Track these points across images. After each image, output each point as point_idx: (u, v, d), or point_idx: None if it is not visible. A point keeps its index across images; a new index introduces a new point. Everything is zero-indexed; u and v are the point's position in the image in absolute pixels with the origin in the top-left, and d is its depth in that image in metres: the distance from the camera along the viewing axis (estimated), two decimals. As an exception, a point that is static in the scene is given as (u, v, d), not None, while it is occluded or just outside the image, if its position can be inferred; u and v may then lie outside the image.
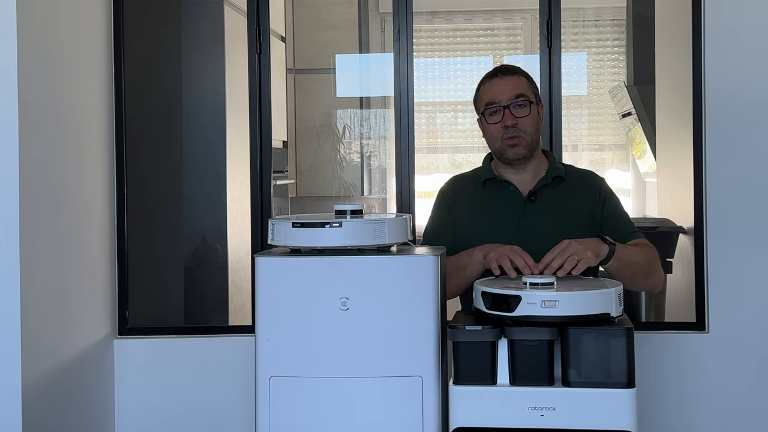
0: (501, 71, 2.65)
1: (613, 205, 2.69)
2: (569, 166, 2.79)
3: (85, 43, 3.26)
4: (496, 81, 2.63)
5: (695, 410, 3.33)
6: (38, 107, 2.85)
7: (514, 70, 2.65)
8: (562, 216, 2.62)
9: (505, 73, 2.64)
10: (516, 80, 2.62)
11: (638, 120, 5.03)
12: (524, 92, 2.60)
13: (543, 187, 2.65)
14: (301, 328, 2.15)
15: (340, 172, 5.84)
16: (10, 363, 2.69)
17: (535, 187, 2.65)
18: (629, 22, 5.44)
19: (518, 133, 2.59)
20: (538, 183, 2.65)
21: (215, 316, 4.20)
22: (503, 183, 2.67)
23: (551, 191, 2.65)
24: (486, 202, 2.67)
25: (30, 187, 2.77)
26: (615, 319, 2.11)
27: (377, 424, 2.13)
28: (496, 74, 2.65)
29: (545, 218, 2.61)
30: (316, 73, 5.92)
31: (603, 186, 2.72)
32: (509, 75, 2.63)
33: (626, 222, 2.68)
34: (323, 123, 5.86)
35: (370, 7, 5.98)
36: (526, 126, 2.59)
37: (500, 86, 2.61)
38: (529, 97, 2.61)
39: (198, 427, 3.43)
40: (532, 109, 2.60)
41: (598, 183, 2.73)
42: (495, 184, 2.68)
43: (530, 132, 2.60)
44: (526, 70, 2.69)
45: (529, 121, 2.59)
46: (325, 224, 2.15)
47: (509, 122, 2.59)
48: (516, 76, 2.63)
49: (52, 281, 2.96)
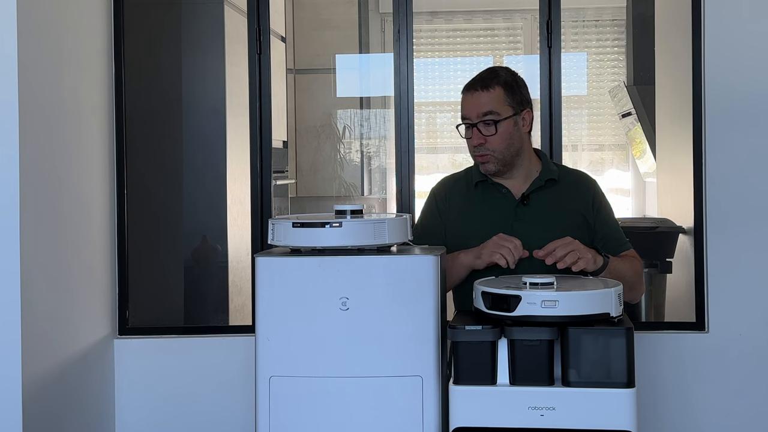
0: (475, 84, 2.60)
1: (606, 214, 2.69)
2: (562, 167, 2.78)
3: (85, 43, 3.26)
4: (468, 96, 2.60)
5: (695, 410, 3.33)
6: (38, 107, 2.85)
7: (487, 84, 2.58)
8: (556, 219, 2.61)
9: (477, 87, 2.59)
10: (486, 96, 2.57)
11: (638, 120, 5.03)
12: (494, 108, 2.56)
13: (536, 190, 2.64)
14: (301, 328, 2.15)
15: (340, 172, 5.84)
16: (10, 363, 2.69)
17: (528, 190, 2.64)
18: (629, 22, 5.44)
19: (486, 152, 2.58)
20: (531, 186, 2.64)
21: (215, 316, 4.20)
22: (495, 186, 2.65)
23: (544, 194, 2.64)
24: (478, 204, 2.66)
25: (30, 187, 2.77)
26: (615, 319, 2.11)
27: (377, 424, 2.13)
28: (470, 88, 2.61)
29: (538, 222, 2.60)
30: (316, 73, 5.92)
31: (597, 191, 2.72)
32: (481, 90, 2.58)
33: (618, 232, 2.69)
34: (323, 123, 5.86)
35: (370, 7, 5.98)
36: (495, 144, 2.57)
37: (470, 102, 2.59)
38: (501, 113, 2.56)
39: (198, 426, 3.43)
40: (501, 127, 2.55)
41: (592, 187, 2.72)
42: (487, 186, 2.66)
43: (500, 149, 2.58)
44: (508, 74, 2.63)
45: (497, 139, 2.56)
46: (325, 224, 2.15)
47: (475, 142, 2.58)
48: (487, 91, 2.57)
49: (52, 281, 2.96)
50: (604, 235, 2.64)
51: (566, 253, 2.37)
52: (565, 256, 2.36)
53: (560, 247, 2.38)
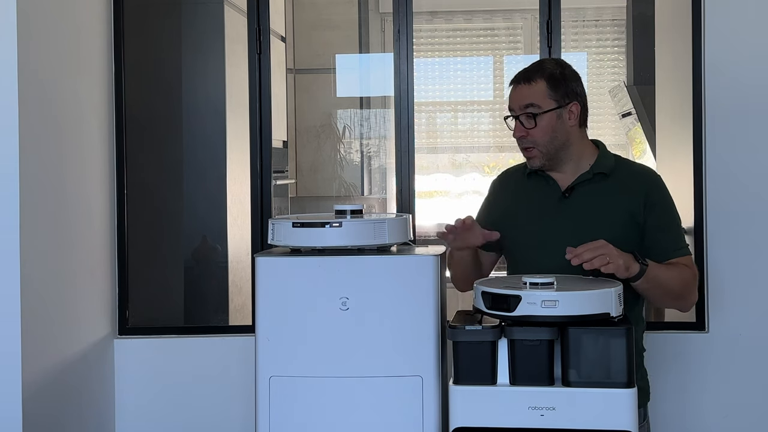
0: (519, 77, 2.58)
1: (661, 215, 2.53)
2: (623, 161, 2.66)
3: (85, 43, 3.26)
4: (512, 89, 2.59)
5: (695, 410, 3.33)
6: (38, 108, 2.85)
7: (530, 77, 2.55)
8: (598, 215, 2.51)
9: (521, 80, 2.57)
10: (528, 89, 2.54)
11: (638, 120, 5.03)
12: (535, 101, 2.52)
13: (582, 183, 2.55)
14: (301, 328, 2.15)
15: (340, 172, 5.84)
16: (10, 363, 2.69)
17: (573, 183, 2.56)
18: (629, 22, 5.44)
19: (529, 145, 2.54)
20: (577, 179, 2.55)
21: (215, 316, 4.19)
22: (544, 177, 2.60)
23: (591, 188, 2.55)
24: (526, 195, 2.63)
25: (30, 188, 2.77)
26: (615, 319, 2.11)
27: (377, 424, 2.13)
28: (515, 80, 2.59)
29: (578, 216, 2.52)
30: (316, 73, 5.92)
31: (654, 189, 2.57)
32: (523, 83, 2.55)
33: (673, 237, 2.53)
34: (323, 123, 5.86)
35: (370, 7, 5.98)
36: (536, 137, 2.52)
37: (513, 95, 2.58)
38: (542, 106, 2.51)
39: (198, 426, 3.43)
40: (542, 120, 2.51)
41: (649, 184, 2.58)
42: (537, 177, 2.61)
43: (542, 142, 2.52)
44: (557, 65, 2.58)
45: (538, 132, 2.52)
46: (325, 224, 2.15)
47: (517, 134, 2.56)
48: (529, 84, 2.54)
49: (53, 281, 2.96)
50: (654, 237, 2.50)
51: (594, 257, 2.24)
52: (592, 259, 2.24)
53: (589, 251, 2.26)
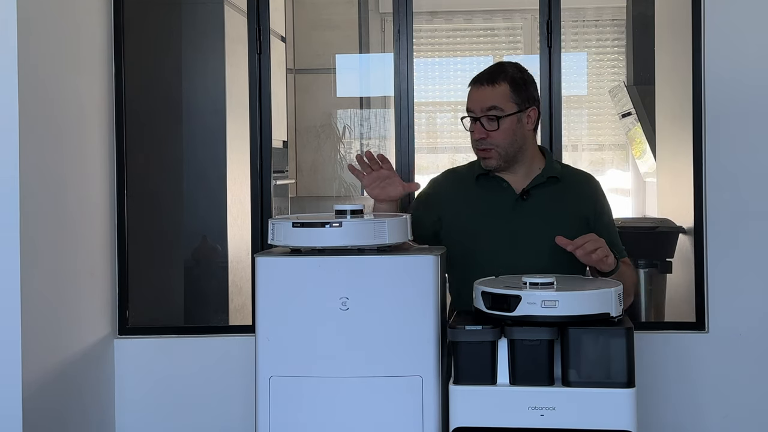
0: (481, 79, 2.61)
1: (607, 219, 2.70)
2: (566, 167, 2.78)
3: (85, 43, 3.26)
4: (474, 90, 2.62)
5: (695, 410, 3.33)
6: (38, 107, 2.85)
7: (494, 79, 2.59)
8: (555, 217, 2.61)
9: (483, 81, 2.60)
10: (492, 91, 2.58)
11: (638, 120, 5.03)
12: (498, 104, 2.56)
13: (537, 186, 2.64)
14: (301, 328, 2.15)
15: (340, 172, 5.84)
16: (10, 362, 2.69)
17: (529, 185, 2.64)
18: (629, 22, 5.44)
19: (489, 146, 2.59)
20: (532, 182, 2.64)
21: (215, 316, 4.20)
22: (496, 180, 2.66)
23: (545, 191, 2.64)
24: (478, 198, 2.66)
25: (30, 187, 2.77)
26: (615, 319, 2.11)
27: (377, 424, 2.13)
28: (477, 81, 2.62)
29: (537, 218, 2.61)
30: (316, 73, 5.91)
31: (601, 194, 2.73)
32: (487, 85, 2.59)
33: (617, 240, 2.70)
34: (323, 123, 5.85)
35: (370, 7, 5.98)
36: (497, 139, 2.58)
37: (475, 96, 2.60)
38: (504, 108, 2.56)
39: (198, 427, 3.43)
40: (504, 123, 2.56)
41: (596, 189, 2.73)
42: (488, 180, 2.67)
43: (503, 144, 2.58)
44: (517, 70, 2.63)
45: (500, 134, 2.57)
46: (325, 224, 2.15)
47: (477, 135, 2.59)
48: (493, 86, 2.58)
49: (53, 281, 2.96)
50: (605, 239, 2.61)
51: (596, 248, 2.38)
52: (595, 249, 2.37)
53: (591, 242, 2.39)
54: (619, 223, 4.21)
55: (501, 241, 2.58)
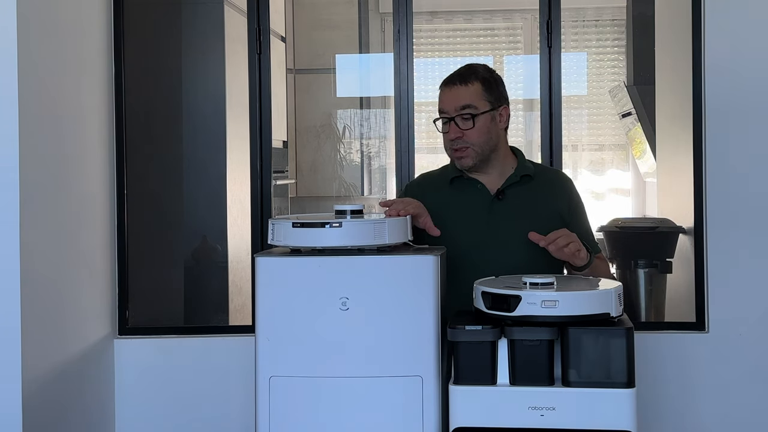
0: (453, 79, 2.62)
1: (580, 216, 2.71)
2: (539, 165, 2.79)
3: (85, 43, 3.27)
4: (446, 90, 2.61)
5: (695, 410, 3.33)
6: (38, 107, 2.85)
7: (465, 78, 2.60)
8: (531, 215, 2.61)
9: (455, 81, 2.60)
10: (464, 90, 2.58)
11: (638, 120, 5.03)
12: (472, 102, 2.57)
13: (511, 185, 2.65)
14: (301, 328, 2.15)
15: (340, 172, 5.84)
16: (10, 363, 2.69)
17: (503, 185, 2.65)
18: (629, 22, 5.44)
19: (464, 145, 2.59)
20: (506, 181, 2.65)
21: (215, 316, 4.20)
22: (470, 181, 2.66)
23: (519, 190, 2.65)
24: (453, 200, 2.66)
25: (30, 187, 2.77)
26: (615, 319, 2.11)
27: (377, 424, 2.13)
28: (449, 82, 2.62)
29: (513, 217, 2.62)
30: (316, 73, 5.92)
31: (574, 191, 2.74)
32: (459, 84, 2.59)
33: (591, 234, 2.72)
34: (323, 123, 5.86)
35: (370, 7, 5.98)
36: (473, 138, 2.58)
37: (448, 96, 2.60)
38: (478, 107, 2.57)
39: (198, 427, 3.43)
40: (479, 121, 2.57)
41: (569, 187, 2.74)
42: (462, 182, 2.67)
43: (477, 143, 2.58)
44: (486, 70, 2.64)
45: (474, 133, 2.57)
46: (325, 224, 2.15)
47: (452, 135, 2.59)
48: (466, 85, 2.58)
49: (52, 281, 2.96)
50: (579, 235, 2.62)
51: (569, 242, 2.40)
52: (568, 244, 2.39)
53: (563, 237, 2.41)
54: (619, 223, 4.24)
55: (479, 241, 2.60)
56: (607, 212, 5.39)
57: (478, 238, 2.60)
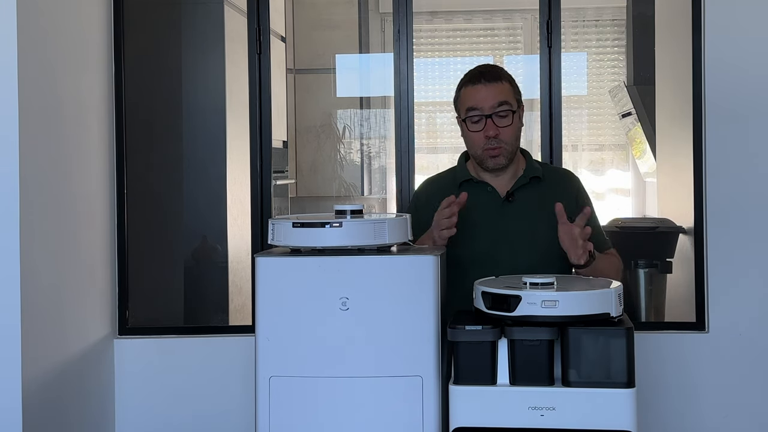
0: (485, 76, 2.58)
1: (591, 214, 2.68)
2: (546, 165, 2.80)
3: (85, 43, 3.26)
4: (480, 87, 2.57)
5: (695, 410, 3.33)
6: (38, 107, 2.85)
7: (498, 75, 2.58)
8: (541, 216, 2.61)
9: (489, 78, 2.58)
10: (499, 87, 2.56)
11: (638, 120, 5.03)
12: (507, 100, 2.56)
13: (521, 187, 2.64)
14: (301, 328, 2.15)
15: (340, 172, 5.84)
16: (10, 363, 2.69)
17: (513, 187, 2.64)
18: (629, 22, 5.44)
19: (500, 144, 2.57)
20: (515, 183, 2.64)
21: (215, 316, 4.20)
22: (480, 184, 2.65)
23: (529, 191, 2.65)
24: None
25: (30, 187, 2.77)
26: (615, 319, 2.11)
27: (377, 424, 2.13)
28: (480, 78, 2.58)
29: (523, 218, 2.61)
30: (316, 73, 5.92)
31: (581, 190, 2.73)
32: (493, 81, 2.57)
33: (601, 233, 2.72)
34: (323, 123, 5.86)
35: (370, 7, 5.98)
36: (507, 136, 2.57)
37: (483, 93, 2.56)
38: (512, 105, 2.57)
39: (198, 427, 3.43)
40: (514, 119, 2.57)
41: (577, 185, 2.73)
42: (472, 185, 2.66)
43: (511, 142, 2.58)
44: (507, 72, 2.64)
45: (510, 131, 2.57)
46: (325, 224, 2.15)
47: (491, 133, 2.55)
48: (499, 82, 2.57)
49: (52, 281, 2.96)
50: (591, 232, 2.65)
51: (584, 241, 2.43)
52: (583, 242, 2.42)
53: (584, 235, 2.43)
54: (619, 223, 4.24)
55: (490, 244, 2.59)
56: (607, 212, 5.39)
57: (489, 241, 2.59)
